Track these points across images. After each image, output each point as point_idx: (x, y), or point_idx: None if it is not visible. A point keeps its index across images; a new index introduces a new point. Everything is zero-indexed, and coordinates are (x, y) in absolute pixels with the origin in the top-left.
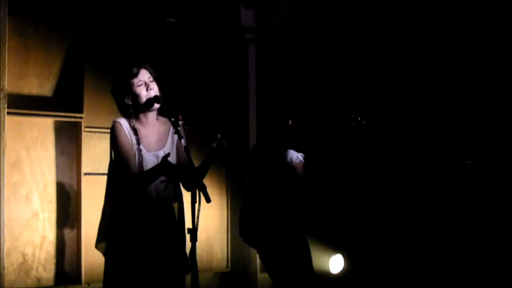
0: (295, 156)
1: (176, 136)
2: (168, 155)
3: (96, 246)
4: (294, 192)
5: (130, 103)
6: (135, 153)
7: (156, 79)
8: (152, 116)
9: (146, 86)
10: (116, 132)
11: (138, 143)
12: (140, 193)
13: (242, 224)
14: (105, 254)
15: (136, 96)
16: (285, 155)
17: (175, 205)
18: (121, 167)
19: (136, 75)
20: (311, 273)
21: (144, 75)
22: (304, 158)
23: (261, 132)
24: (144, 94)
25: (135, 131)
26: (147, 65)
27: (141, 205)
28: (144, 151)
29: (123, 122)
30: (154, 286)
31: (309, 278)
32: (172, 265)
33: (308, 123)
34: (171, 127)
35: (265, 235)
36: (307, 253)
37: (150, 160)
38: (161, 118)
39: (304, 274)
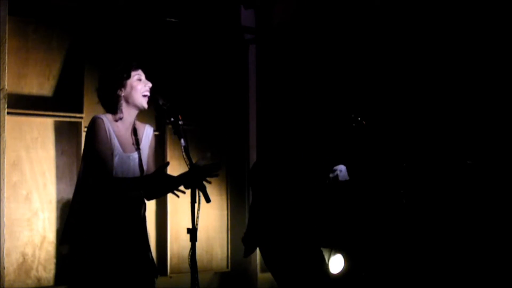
0: (346, 173)
1: (151, 140)
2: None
3: (59, 248)
4: (325, 204)
5: (122, 94)
6: (112, 152)
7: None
8: (133, 116)
9: (143, 82)
10: (96, 128)
11: (119, 143)
12: (112, 196)
13: (250, 242)
14: (69, 256)
15: (132, 88)
16: (336, 170)
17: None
18: (96, 166)
19: (136, 69)
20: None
21: (142, 73)
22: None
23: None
24: (140, 88)
25: (115, 128)
26: (142, 68)
27: (111, 209)
28: (121, 151)
29: (105, 119)
30: None
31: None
32: (139, 269)
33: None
34: (146, 129)
35: (283, 248)
36: (323, 263)
37: (124, 160)
38: (137, 121)
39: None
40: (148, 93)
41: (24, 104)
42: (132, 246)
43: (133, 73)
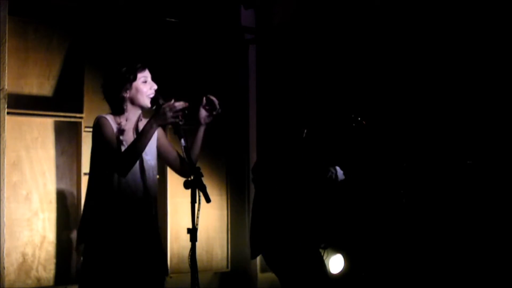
0: (341, 173)
1: (157, 133)
2: (159, 99)
3: (76, 249)
4: (326, 205)
5: (127, 95)
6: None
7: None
8: (137, 115)
9: (149, 84)
10: (102, 124)
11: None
12: (122, 192)
13: (255, 243)
14: (82, 255)
15: (137, 91)
16: (332, 172)
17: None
18: (108, 162)
19: (142, 70)
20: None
21: (147, 74)
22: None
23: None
24: (146, 91)
25: (120, 127)
26: (147, 67)
27: (122, 206)
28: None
29: (109, 117)
30: None
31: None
32: (151, 267)
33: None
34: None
35: (284, 249)
36: (322, 264)
37: None
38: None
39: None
40: (153, 95)
41: (24, 104)
42: (144, 245)
43: (139, 75)
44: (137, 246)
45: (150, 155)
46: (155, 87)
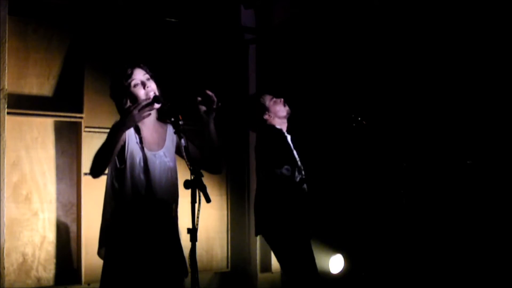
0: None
1: (175, 136)
2: (159, 98)
3: (98, 253)
4: (300, 203)
5: (130, 104)
6: (138, 152)
7: (153, 77)
8: (152, 115)
9: (143, 85)
10: None
11: (141, 142)
12: (140, 194)
13: (256, 217)
14: (104, 259)
15: (134, 97)
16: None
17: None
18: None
19: (130, 75)
20: (316, 274)
21: (139, 74)
22: (305, 175)
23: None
24: (142, 93)
25: (137, 131)
26: (141, 64)
27: (141, 207)
28: (146, 150)
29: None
30: None
31: (315, 278)
32: (170, 269)
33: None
34: (169, 127)
35: (276, 233)
36: (311, 256)
37: (151, 159)
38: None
39: (311, 273)
40: (151, 95)
41: (24, 104)
42: (161, 246)
43: (130, 82)
44: (154, 247)
45: (169, 156)
46: (148, 84)
